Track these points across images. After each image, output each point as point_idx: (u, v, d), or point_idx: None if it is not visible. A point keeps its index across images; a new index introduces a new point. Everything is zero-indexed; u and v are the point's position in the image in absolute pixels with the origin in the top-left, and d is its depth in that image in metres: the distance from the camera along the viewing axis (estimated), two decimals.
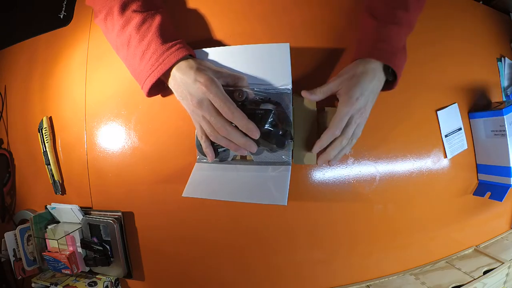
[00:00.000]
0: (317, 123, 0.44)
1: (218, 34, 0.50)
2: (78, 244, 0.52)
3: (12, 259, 0.56)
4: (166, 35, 0.39)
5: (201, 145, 0.41)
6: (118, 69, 0.52)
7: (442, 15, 0.61)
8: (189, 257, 0.53)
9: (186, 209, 0.51)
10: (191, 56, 0.41)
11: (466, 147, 0.61)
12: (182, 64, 0.38)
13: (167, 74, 0.40)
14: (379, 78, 0.43)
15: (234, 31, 0.50)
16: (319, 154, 0.43)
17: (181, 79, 0.38)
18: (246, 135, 0.37)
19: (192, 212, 0.51)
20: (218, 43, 0.49)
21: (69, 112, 0.55)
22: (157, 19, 0.40)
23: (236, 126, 0.37)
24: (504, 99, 0.68)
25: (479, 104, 0.63)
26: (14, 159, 0.62)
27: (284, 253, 0.53)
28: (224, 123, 0.36)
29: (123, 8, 0.40)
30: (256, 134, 0.36)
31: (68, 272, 0.52)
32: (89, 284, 0.52)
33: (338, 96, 0.43)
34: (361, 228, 0.55)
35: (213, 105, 0.36)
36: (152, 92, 0.43)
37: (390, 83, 0.46)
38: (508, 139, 0.56)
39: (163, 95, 0.49)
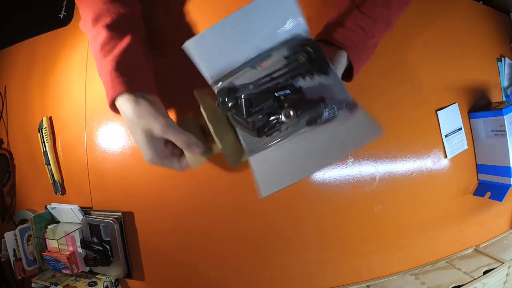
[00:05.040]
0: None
1: None
2: (78, 244, 0.52)
3: (12, 259, 0.56)
4: (122, 63, 0.37)
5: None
6: None
7: (442, 15, 0.61)
8: (189, 257, 0.53)
9: (186, 209, 0.51)
10: (134, 93, 0.37)
11: (466, 147, 0.61)
12: (122, 98, 0.37)
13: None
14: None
15: None
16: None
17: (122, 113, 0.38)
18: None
19: (192, 212, 0.51)
20: None
21: (69, 112, 0.55)
22: (123, 43, 0.38)
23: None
24: (504, 99, 0.68)
25: (479, 104, 0.63)
26: (14, 159, 0.62)
27: (283, 253, 0.53)
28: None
29: (96, 20, 0.39)
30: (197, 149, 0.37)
31: (68, 272, 0.52)
32: (89, 284, 0.52)
33: None
34: (360, 228, 0.55)
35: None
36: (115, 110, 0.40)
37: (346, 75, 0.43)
38: (508, 139, 0.56)
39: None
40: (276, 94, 0.33)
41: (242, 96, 0.33)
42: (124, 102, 0.36)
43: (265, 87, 0.34)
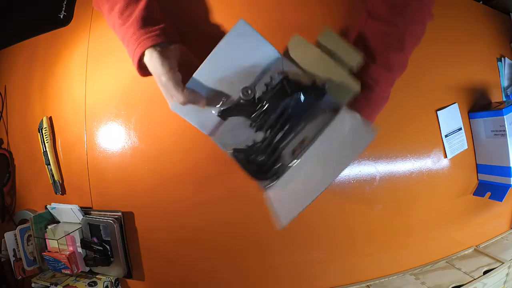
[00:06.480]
0: None
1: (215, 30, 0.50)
2: (78, 244, 0.52)
3: (12, 259, 0.56)
4: (147, 21, 0.39)
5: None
6: (118, 69, 0.52)
7: (442, 15, 0.61)
8: (189, 256, 0.53)
9: (186, 209, 0.51)
10: (167, 43, 0.39)
11: (466, 147, 0.61)
12: (149, 51, 0.38)
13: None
14: None
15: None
16: None
17: (149, 65, 0.38)
18: None
19: (191, 212, 0.51)
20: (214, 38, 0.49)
21: (69, 112, 0.55)
22: (140, 5, 0.39)
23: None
24: (504, 99, 0.68)
25: (479, 104, 0.63)
26: (14, 159, 0.62)
27: (283, 254, 0.53)
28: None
29: None
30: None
31: (68, 272, 0.52)
32: (89, 284, 0.52)
33: None
34: (360, 228, 0.55)
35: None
36: (144, 72, 0.41)
37: None
38: (508, 139, 0.56)
39: None
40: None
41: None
42: (150, 58, 0.38)
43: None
